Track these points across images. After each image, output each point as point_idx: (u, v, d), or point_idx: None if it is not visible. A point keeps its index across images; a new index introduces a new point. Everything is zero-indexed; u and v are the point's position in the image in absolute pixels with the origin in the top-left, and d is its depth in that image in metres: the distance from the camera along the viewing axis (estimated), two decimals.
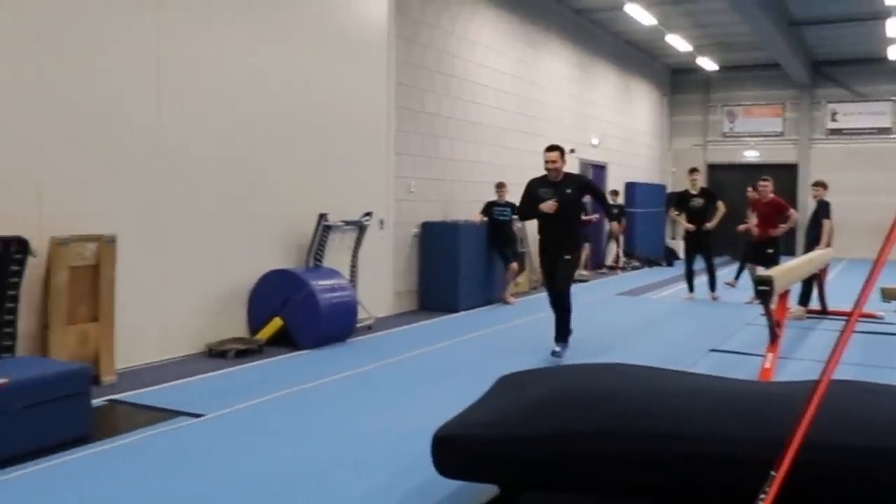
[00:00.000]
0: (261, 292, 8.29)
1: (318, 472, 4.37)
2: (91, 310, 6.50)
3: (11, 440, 4.59)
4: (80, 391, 5.09)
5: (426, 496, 3.90)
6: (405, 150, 11.15)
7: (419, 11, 11.40)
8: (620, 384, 3.89)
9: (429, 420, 4.52)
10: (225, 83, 8.04)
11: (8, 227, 5.86)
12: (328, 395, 6.16)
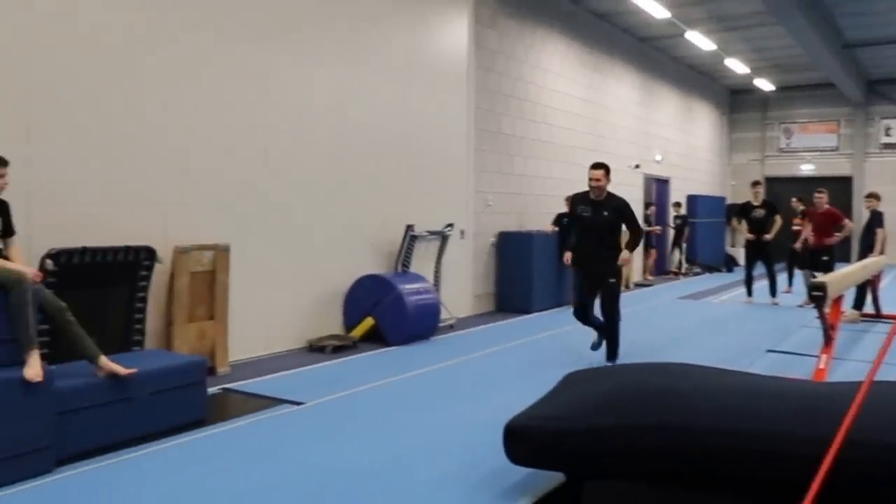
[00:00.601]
0: (355, 295, 8.39)
1: (402, 456, 4.38)
2: (208, 310, 6.67)
3: (140, 422, 4.75)
4: (198, 380, 5.23)
5: (498, 481, 3.87)
6: (484, 167, 11.15)
7: (496, 43, 11.39)
8: (679, 382, 3.78)
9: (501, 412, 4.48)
10: (326, 111, 8.18)
11: (138, 238, 6.06)
12: (413, 388, 6.17)
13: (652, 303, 12.34)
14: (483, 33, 11.03)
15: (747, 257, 12.08)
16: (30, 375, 4.11)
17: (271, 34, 7.53)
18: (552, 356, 7.42)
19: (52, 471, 4.13)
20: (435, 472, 4.08)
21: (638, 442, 3.29)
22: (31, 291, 4.29)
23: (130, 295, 6.01)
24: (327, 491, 3.85)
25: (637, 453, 3.31)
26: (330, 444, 4.62)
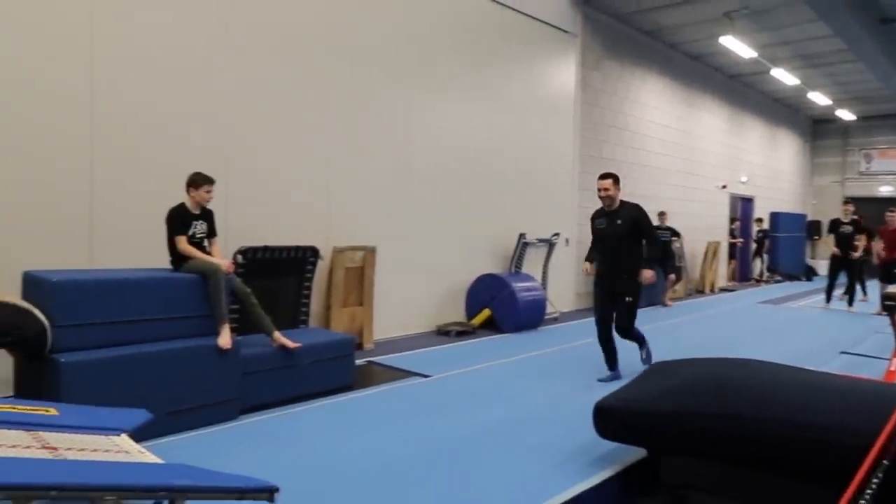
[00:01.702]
0: (475, 289, 8.41)
1: (507, 423, 4.35)
2: (358, 298, 6.87)
3: (302, 385, 4.94)
4: (349, 354, 5.38)
5: (587, 451, 3.77)
6: (587, 186, 10.87)
7: (599, 83, 11.13)
8: (752, 376, 3.55)
9: (593, 392, 4.37)
10: (455, 139, 8.27)
11: (306, 240, 6.34)
12: (521, 368, 6.11)
13: (734, 305, 11.64)
14: (588, 74, 10.81)
15: (831, 269, 11.11)
16: (222, 344, 4.38)
17: (414, 79, 7.70)
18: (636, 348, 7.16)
19: (237, 418, 4.38)
20: (534, 440, 4.02)
21: (711, 426, 3.14)
22: (224, 279, 4.55)
23: (298, 284, 6.28)
24: (444, 447, 3.88)
25: (709, 436, 3.15)
26: (449, 410, 4.65)
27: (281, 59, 6.35)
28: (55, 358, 3.72)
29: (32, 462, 2.10)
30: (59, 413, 2.88)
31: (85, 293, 3.94)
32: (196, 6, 5.71)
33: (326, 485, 3.27)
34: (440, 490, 3.26)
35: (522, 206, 9.43)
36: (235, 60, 5.98)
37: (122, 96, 5.29)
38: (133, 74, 5.34)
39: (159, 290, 4.30)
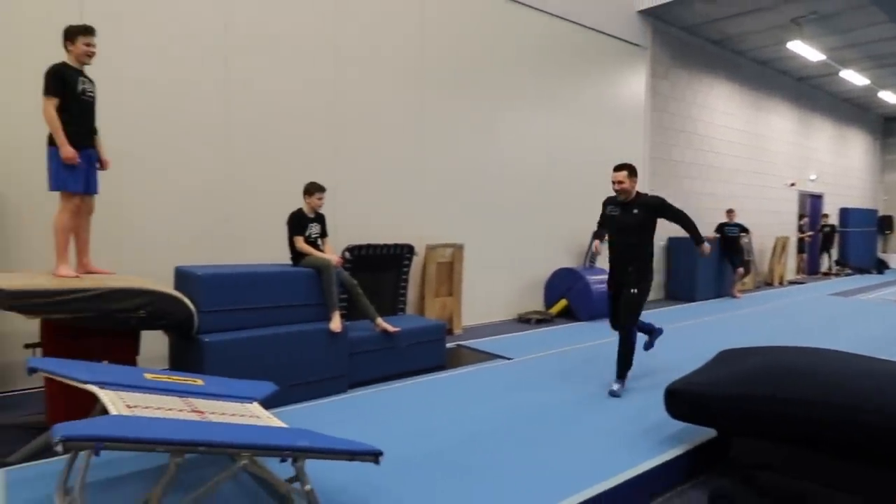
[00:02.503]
0: (553, 281, 8.30)
1: (583, 403, 4.27)
2: (448, 289, 6.93)
3: (401, 364, 5.06)
4: (440, 338, 5.45)
5: (658, 430, 3.65)
6: (656, 187, 10.48)
7: (668, 90, 10.67)
8: (819, 363, 3.32)
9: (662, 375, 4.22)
10: (534, 147, 8.18)
11: (403, 238, 6.47)
12: (595, 353, 5.95)
13: (804, 297, 10.87)
14: (658, 83, 10.39)
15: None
16: (333, 328, 4.54)
17: (497, 95, 7.68)
18: (707, 335, 6.83)
19: (345, 391, 4.53)
20: (607, 418, 3.93)
21: (780, 410, 2.95)
22: (335, 273, 4.68)
23: (396, 277, 6.41)
24: (524, 421, 3.86)
25: (777, 419, 2.97)
26: (528, 388, 4.62)
27: (380, 83, 6.50)
28: (200, 338, 3.97)
29: (185, 423, 2.26)
30: (204, 383, 3.09)
31: (223, 284, 4.18)
32: (311, 44, 5.94)
33: (421, 451, 3.33)
34: (520, 459, 3.24)
35: (595, 206, 9.17)
36: (343, 88, 6.18)
37: (253, 123, 5.59)
38: (261, 106, 5.63)
39: (282, 282, 4.48)
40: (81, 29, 3.77)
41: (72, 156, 3.66)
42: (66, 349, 3.50)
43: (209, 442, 2.02)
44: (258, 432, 2.31)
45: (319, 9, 5.99)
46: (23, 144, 4.25)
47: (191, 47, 5.22)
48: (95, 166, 3.96)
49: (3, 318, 4.19)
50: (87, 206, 3.98)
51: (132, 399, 2.52)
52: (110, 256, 4.49)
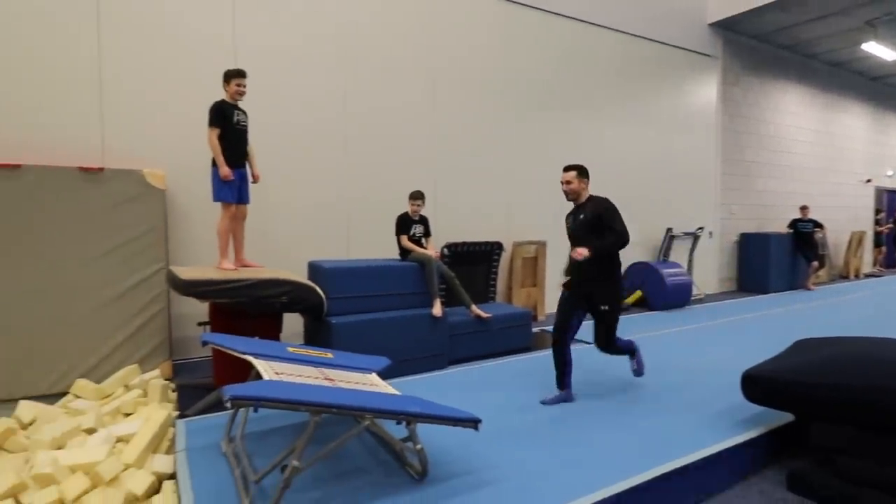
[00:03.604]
0: (628, 274, 7.92)
1: (660, 385, 4.05)
2: (532, 280, 6.82)
3: (492, 345, 5.03)
4: (527, 323, 5.37)
5: (735, 412, 3.40)
6: (728, 186, 9.78)
7: (740, 96, 9.88)
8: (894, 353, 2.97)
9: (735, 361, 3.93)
10: (610, 152, 7.88)
11: (493, 236, 6.46)
12: (670, 340, 5.65)
13: (880, 289, 9.69)
14: (729, 90, 9.64)
15: None
16: (435, 313, 4.62)
17: (576, 108, 7.47)
18: (780, 324, 6.27)
19: (446, 367, 4.58)
20: (687, 398, 3.71)
21: (858, 397, 2.66)
22: (435, 266, 4.76)
23: (487, 270, 6.40)
24: (606, 400, 3.71)
25: (853, 406, 2.68)
26: (609, 369, 4.45)
27: (473, 103, 6.51)
28: (329, 320, 4.17)
29: (321, 388, 2.39)
30: (333, 356, 3.24)
31: (346, 276, 4.38)
32: (410, 72, 6.06)
33: (514, 420, 3.30)
34: (603, 433, 3.13)
35: (669, 205, 8.71)
36: (440, 109, 6.25)
37: (366, 143, 5.79)
38: (372, 128, 5.82)
39: (392, 274, 4.61)
40: (235, 72, 4.07)
41: (227, 174, 3.96)
42: (227, 327, 3.81)
43: (341, 405, 2.12)
44: (378, 398, 2.39)
45: (418, 42, 6.10)
46: (193, 166, 4.66)
47: (318, 91, 5.49)
48: (248, 181, 4.26)
49: (182, 301, 4.64)
50: (241, 213, 4.28)
51: (279, 368, 2.69)
52: (259, 253, 4.83)
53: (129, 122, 4.62)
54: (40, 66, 4.30)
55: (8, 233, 3.91)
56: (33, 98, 4.28)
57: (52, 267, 4.03)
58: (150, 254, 4.35)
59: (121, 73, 4.58)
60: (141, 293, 4.29)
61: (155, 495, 2.62)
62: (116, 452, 2.82)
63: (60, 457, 2.69)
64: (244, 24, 5.09)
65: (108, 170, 4.26)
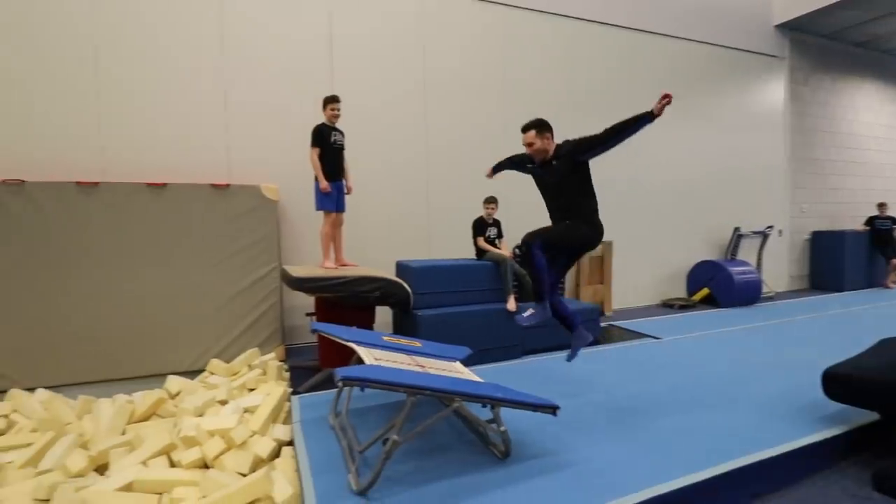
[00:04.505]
0: (695, 272, 7.45)
1: (735, 380, 3.74)
2: (599, 278, 6.57)
3: (563, 338, 4.69)
4: (595, 318, 5.17)
5: (815, 409, 3.08)
6: (799, 184, 8.90)
7: (809, 95, 8.97)
8: None
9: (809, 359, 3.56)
10: (675, 154, 7.45)
11: None
12: (739, 336, 5.24)
13: None
14: (797, 89, 8.78)
15: None
16: (509, 307, 4.56)
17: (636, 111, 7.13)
18: (855, 324, 5.61)
19: (520, 357, 4.51)
20: (763, 393, 3.41)
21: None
22: (509, 265, 4.73)
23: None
24: (680, 389, 3.49)
25: None
26: (682, 365, 4.18)
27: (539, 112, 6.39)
28: (415, 312, 4.24)
29: (416, 373, 2.43)
30: (421, 345, 3.29)
31: (430, 273, 4.43)
32: (482, 85, 6.04)
33: (588, 408, 3.18)
34: (678, 424, 2.95)
35: (736, 204, 8.08)
36: (509, 120, 6.20)
37: (443, 153, 5.85)
38: (450, 140, 5.87)
39: (470, 272, 4.61)
40: (330, 98, 4.26)
41: (326, 187, 4.15)
42: (330, 317, 3.98)
43: (434, 388, 2.14)
44: (465, 384, 2.39)
45: (492, 59, 6.07)
46: (300, 181, 4.92)
47: (403, 112, 5.62)
48: (344, 192, 4.44)
49: (292, 295, 4.90)
50: (339, 220, 4.47)
51: (378, 354, 2.77)
52: (354, 253, 5.02)
53: (249, 145, 4.96)
54: (177, 100, 4.72)
55: (157, 240, 4.33)
56: (175, 127, 4.71)
57: (189, 267, 4.41)
58: (266, 256, 4.64)
59: (243, 103, 4.94)
60: (259, 289, 4.59)
61: (276, 459, 2.78)
62: (244, 421, 3.03)
63: (201, 423, 2.92)
64: (341, 56, 5.31)
65: (232, 186, 4.60)
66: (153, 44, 4.61)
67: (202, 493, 2.45)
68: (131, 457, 2.75)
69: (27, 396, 3.51)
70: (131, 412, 3.25)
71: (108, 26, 4.47)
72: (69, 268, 4.08)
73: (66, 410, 3.29)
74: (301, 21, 5.15)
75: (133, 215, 4.28)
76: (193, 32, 4.75)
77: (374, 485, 2.16)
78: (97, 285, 4.15)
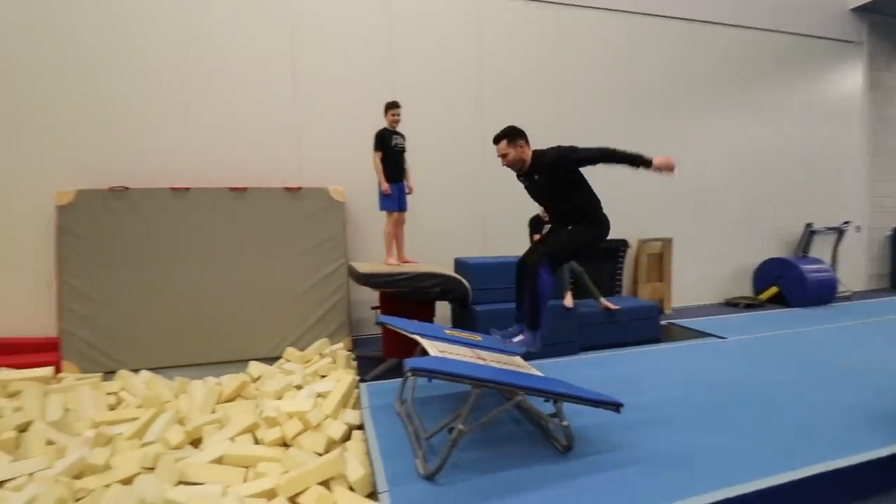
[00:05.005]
0: (762, 270, 6.95)
1: (809, 384, 3.46)
2: (658, 275, 6.31)
3: (621, 335, 4.77)
4: (654, 316, 5.02)
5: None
6: (879, 177, 8.07)
7: (892, 81, 8.12)
8: None
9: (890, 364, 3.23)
10: (739, 149, 6.99)
11: (618, 235, 6.05)
12: (810, 338, 4.84)
13: None
14: (877, 76, 7.96)
15: None
16: (567, 304, 4.50)
17: (702, 106, 6.75)
18: None
19: (577, 353, 4.43)
20: (840, 400, 3.14)
21: None
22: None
23: (613, 265, 6.06)
24: (750, 392, 3.27)
25: None
26: (748, 365, 3.93)
27: (595, 109, 6.21)
28: (473, 307, 4.26)
29: (477, 366, 2.44)
30: (481, 339, 3.31)
31: (488, 270, 4.43)
32: (535, 86, 5.94)
33: (650, 409, 3.06)
34: (749, 425, 2.78)
35: (808, 199, 7.46)
36: (562, 115, 6.06)
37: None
38: None
39: None
40: (391, 104, 4.36)
41: (387, 189, 4.25)
42: (393, 310, 4.08)
43: (498, 381, 2.15)
44: (528, 378, 2.38)
45: (544, 57, 5.97)
46: (365, 183, 5.06)
47: (458, 115, 5.64)
48: (405, 193, 4.53)
49: (357, 289, 5.07)
50: (401, 219, 4.55)
51: (441, 346, 2.81)
52: (415, 251, 5.11)
53: (318, 150, 5.17)
54: (254, 111, 5.01)
55: (238, 238, 4.62)
56: (253, 136, 5.00)
57: (267, 264, 4.67)
58: (334, 253, 4.83)
59: (311, 113, 5.16)
60: (328, 284, 4.79)
61: (347, 441, 2.90)
62: (318, 405, 3.17)
63: (280, 405, 3.10)
64: (401, 63, 5.42)
65: (304, 188, 4.82)
66: (232, 61, 4.91)
67: (283, 468, 2.60)
68: (221, 433, 2.96)
69: (133, 377, 3.86)
70: (219, 393, 3.50)
71: (197, 49, 4.81)
72: (166, 264, 4.45)
73: (165, 390, 3.60)
74: (364, 31, 5.30)
75: (218, 217, 4.59)
76: (269, 52, 5.01)
77: (441, 470, 2.19)
78: (189, 279, 4.49)
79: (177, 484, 2.50)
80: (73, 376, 3.97)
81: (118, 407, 3.51)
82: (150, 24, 4.68)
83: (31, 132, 4.44)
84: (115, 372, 4.11)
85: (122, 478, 2.55)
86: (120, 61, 4.62)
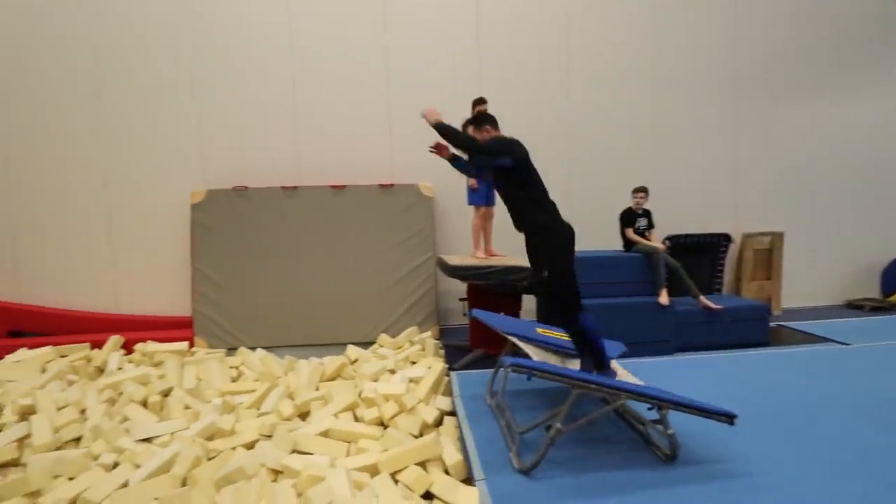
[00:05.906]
0: (893, 269, 5.88)
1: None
2: (765, 273, 5.59)
3: (721, 336, 4.35)
4: (762, 317, 4.52)
5: None
6: None
7: None
8: None
9: None
10: (861, 132, 5.92)
11: (718, 228, 5.48)
12: None
13: None
14: None
15: None
16: (661, 301, 4.16)
17: (814, 87, 5.81)
18: None
19: (672, 353, 4.08)
20: None
21: None
22: (661, 257, 4.30)
23: (713, 261, 5.48)
24: (872, 408, 2.74)
25: None
26: (875, 375, 3.31)
27: (692, 96, 5.58)
28: None
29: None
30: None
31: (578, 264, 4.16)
32: (630, 74, 5.47)
33: (758, 419, 2.66)
34: (869, 448, 2.31)
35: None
36: (659, 105, 5.52)
37: (591, 140, 5.46)
38: (596, 126, 5.45)
39: (620, 264, 4.33)
40: (478, 100, 4.26)
41: (473, 183, 4.18)
42: (480, 302, 4.00)
43: (601, 383, 1.97)
44: (626, 384, 2.16)
45: (638, 40, 5.47)
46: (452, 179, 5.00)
47: (546, 104, 5.38)
48: (492, 188, 4.39)
49: (445, 281, 5.06)
50: (488, 213, 4.46)
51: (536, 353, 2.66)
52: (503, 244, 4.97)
53: (409, 149, 5.22)
54: (351, 114, 5.15)
55: (339, 232, 4.82)
56: (350, 138, 5.16)
57: (363, 255, 4.83)
58: (423, 246, 4.86)
59: (402, 117, 5.20)
60: (418, 275, 4.84)
61: (439, 426, 2.87)
62: (411, 390, 3.19)
63: (377, 387, 3.15)
64: (487, 57, 5.27)
65: (396, 185, 4.90)
66: (331, 70, 5.10)
67: (382, 447, 2.64)
68: (325, 409, 3.09)
69: (250, 354, 4.19)
70: (322, 372, 3.66)
71: (302, 61, 5.06)
72: (277, 254, 4.77)
73: (277, 367, 3.85)
74: (451, 30, 5.22)
75: (322, 212, 4.83)
76: (363, 60, 5.13)
77: (537, 466, 2.07)
78: (296, 269, 4.78)
79: (291, 452, 2.64)
80: (203, 351, 4.40)
81: (239, 379, 3.82)
82: (260, 44, 5.01)
83: (170, 142, 4.97)
84: (236, 348, 4.50)
85: (246, 442, 2.74)
86: (237, 74, 5.00)
